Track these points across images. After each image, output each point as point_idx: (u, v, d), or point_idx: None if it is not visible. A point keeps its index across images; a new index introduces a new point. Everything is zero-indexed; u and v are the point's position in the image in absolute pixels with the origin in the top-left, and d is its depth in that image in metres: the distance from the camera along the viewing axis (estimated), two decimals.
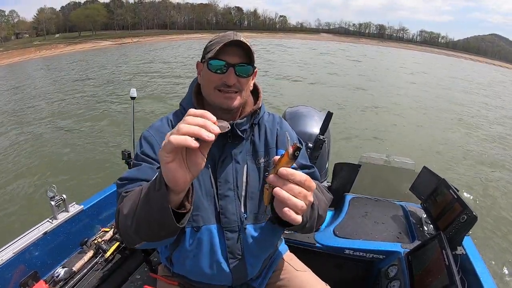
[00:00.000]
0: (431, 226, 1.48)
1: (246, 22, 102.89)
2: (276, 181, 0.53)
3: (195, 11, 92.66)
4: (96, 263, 1.44)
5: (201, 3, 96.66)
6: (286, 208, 0.53)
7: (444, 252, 1.08)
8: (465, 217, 1.20)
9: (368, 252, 1.39)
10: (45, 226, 1.37)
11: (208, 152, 0.54)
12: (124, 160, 1.72)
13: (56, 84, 13.16)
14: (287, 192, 0.53)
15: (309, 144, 1.56)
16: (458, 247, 1.24)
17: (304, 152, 1.03)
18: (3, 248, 1.22)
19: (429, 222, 1.50)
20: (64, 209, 1.47)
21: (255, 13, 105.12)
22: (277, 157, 0.55)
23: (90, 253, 1.48)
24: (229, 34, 0.80)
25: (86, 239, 1.56)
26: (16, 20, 60.84)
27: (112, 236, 1.58)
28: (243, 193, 0.88)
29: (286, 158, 0.52)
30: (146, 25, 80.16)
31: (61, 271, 1.33)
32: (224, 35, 0.81)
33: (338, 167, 1.79)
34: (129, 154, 1.71)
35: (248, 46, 0.79)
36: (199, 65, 0.88)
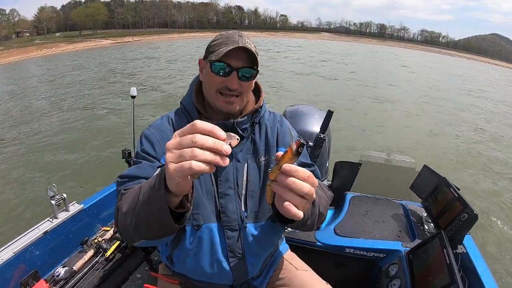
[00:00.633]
0: (432, 225, 1.48)
1: (247, 21, 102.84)
2: (280, 177, 0.53)
3: (196, 10, 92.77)
4: (97, 262, 1.44)
5: (202, 2, 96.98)
6: (287, 203, 0.52)
7: (445, 251, 1.08)
8: (466, 216, 1.20)
9: (369, 251, 1.38)
10: (46, 225, 1.37)
11: None
12: (125, 159, 1.71)
13: (56, 83, 13.15)
14: (290, 188, 0.52)
15: (310, 143, 1.56)
16: (459, 246, 1.24)
17: (305, 151, 1.02)
18: (4, 248, 1.22)
19: (430, 221, 1.49)
20: (65, 208, 1.46)
21: (256, 12, 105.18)
22: (280, 153, 0.54)
23: (91, 252, 1.48)
24: (234, 36, 0.79)
25: (87, 238, 1.56)
26: (17, 19, 61.16)
27: (113, 235, 1.58)
28: (244, 192, 0.88)
29: (290, 155, 0.51)
30: (147, 24, 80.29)
31: (62, 270, 1.33)
32: (229, 36, 0.80)
33: (339, 166, 1.79)
34: (129, 153, 1.70)
35: (254, 51, 0.78)
36: (201, 62, 0.87)
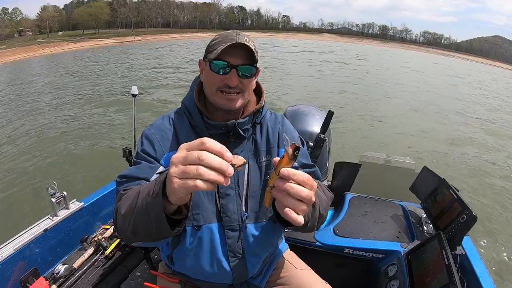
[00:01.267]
0: (431, 226, 1.48)
1: (249, 22, 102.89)
2: (278, 182, 0.53)
3: (198, 10, 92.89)
4: (97, 260, 1.44)
5: (204, 2, 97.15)
6: (287, 209, 0.52)
7: (444, 252, 1.08)
8: (465, 217, 1.19)
9: (368, 251, 1.38)
10: (46, 223, 1.37)
11: None
12: (125, 158, 1.72)
13: (58, 81, 13.17)
14: (289, 192, 0.52)
15: (310, 143, 1.57)
16: (458, 247, 1.24)
17: (305, 151, 1.02)
18: (4, 245, 1.22)
19: (429, 222, 1.49)
20: (65, 206, 1.47)
21: (258, 13, 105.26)
22: (277, 159, 0.54)
23: (91, 250, 1.48)
24: (232, 34, 0.79)
25: (87, 236, 1.56)
26: (19, 18, 61.11)
27: (113, 233, 1.58)
28: (244, 192, 0.88)
29: (286, 159, 0.51)
30: (149, 24, 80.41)
31: (62, 268, 1.33)
32: (227, 35, 0.80)
33: (339, 166, 1.79)
34: (130, 152, 1.71)
35: (252, 48, 0.78)
36: (201, 63, 0.87)
